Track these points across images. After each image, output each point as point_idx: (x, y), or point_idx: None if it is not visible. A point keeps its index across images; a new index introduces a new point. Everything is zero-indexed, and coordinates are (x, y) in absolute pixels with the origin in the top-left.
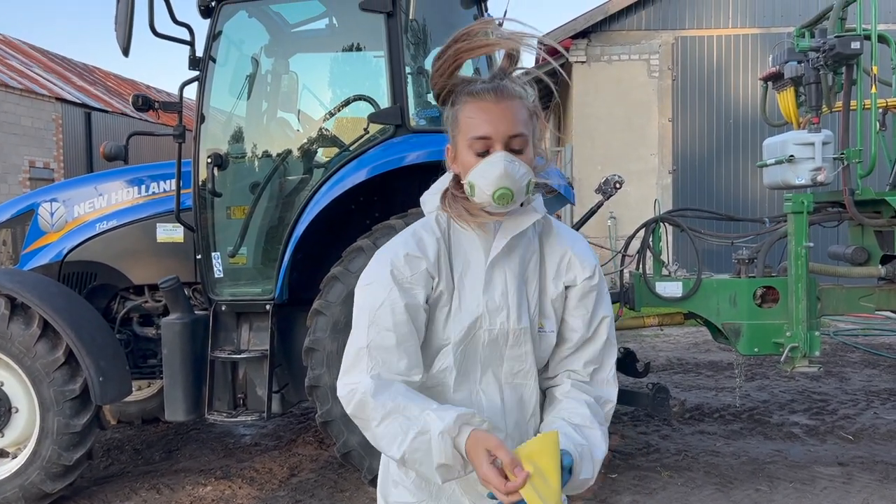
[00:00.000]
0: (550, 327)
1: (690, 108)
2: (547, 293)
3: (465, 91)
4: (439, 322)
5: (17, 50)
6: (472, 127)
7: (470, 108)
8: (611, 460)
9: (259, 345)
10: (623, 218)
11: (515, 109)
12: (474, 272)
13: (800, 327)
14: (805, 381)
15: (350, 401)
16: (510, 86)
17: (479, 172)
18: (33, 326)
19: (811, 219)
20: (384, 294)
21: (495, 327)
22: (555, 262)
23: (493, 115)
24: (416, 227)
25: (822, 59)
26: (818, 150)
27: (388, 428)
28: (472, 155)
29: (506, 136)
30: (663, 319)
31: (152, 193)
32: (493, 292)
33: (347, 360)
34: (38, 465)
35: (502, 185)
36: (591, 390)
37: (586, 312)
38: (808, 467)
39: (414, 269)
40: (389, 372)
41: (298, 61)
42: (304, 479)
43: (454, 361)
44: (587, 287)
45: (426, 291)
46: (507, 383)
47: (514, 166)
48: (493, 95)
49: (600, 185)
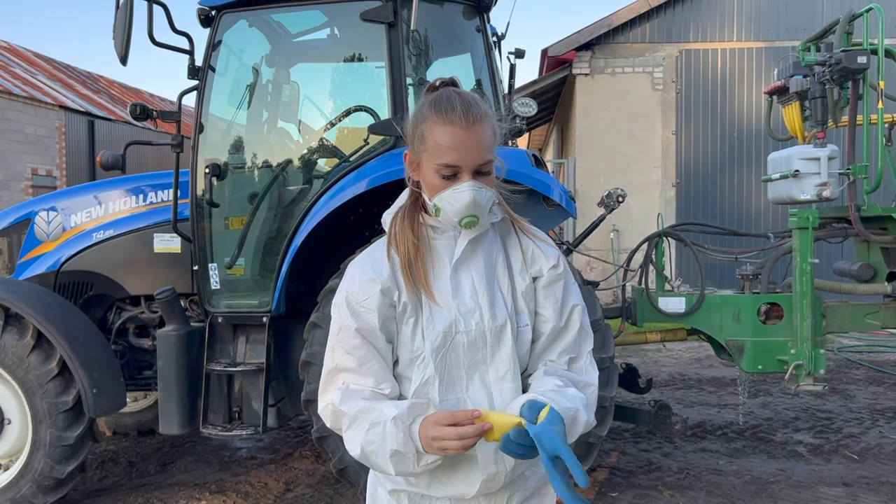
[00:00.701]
0: (524, 321)
1: (694, 121)
2: (517, 288)
3: (434, 110)
4: (406, 334)
5: (21, 57)
6: (441, 153)
7: (439, 131)
8: (610, 478)
9: (255, 357)
10: (626, 231)
11: (484, 134)
12: (441, 278)
13: (805, 345)
14: (809, 399)
15: (326, 416)
16: (478, 105)
17: (446, 199)
18: (27, 337)
19: (816, 234)
20: (340, 319)
21: (471, 329)
22: (518, 257)
23: (464, 144)
24: (374, 247)
25: (828, 74)
26: (824, 165)
27: (353, 430)
28: (438, 177)
29: (475, 165)
30: (666, 335)
31: (150, 203)
32: (462, 296)
33: (322, 381)
34: (29, 478)
35: (470, 213)
36: (567, 374)
37: (556, 302)
38: (812, 487)
39: (367, 292)
40: (357, 386)
41: (299, 71)
42: (300, 495)
43: (435, 370)
44: (553, 276)
45: (383, 311)
46: (495, 388)
47: (482, 194)
48: (464, 121)
49: (603, 199)
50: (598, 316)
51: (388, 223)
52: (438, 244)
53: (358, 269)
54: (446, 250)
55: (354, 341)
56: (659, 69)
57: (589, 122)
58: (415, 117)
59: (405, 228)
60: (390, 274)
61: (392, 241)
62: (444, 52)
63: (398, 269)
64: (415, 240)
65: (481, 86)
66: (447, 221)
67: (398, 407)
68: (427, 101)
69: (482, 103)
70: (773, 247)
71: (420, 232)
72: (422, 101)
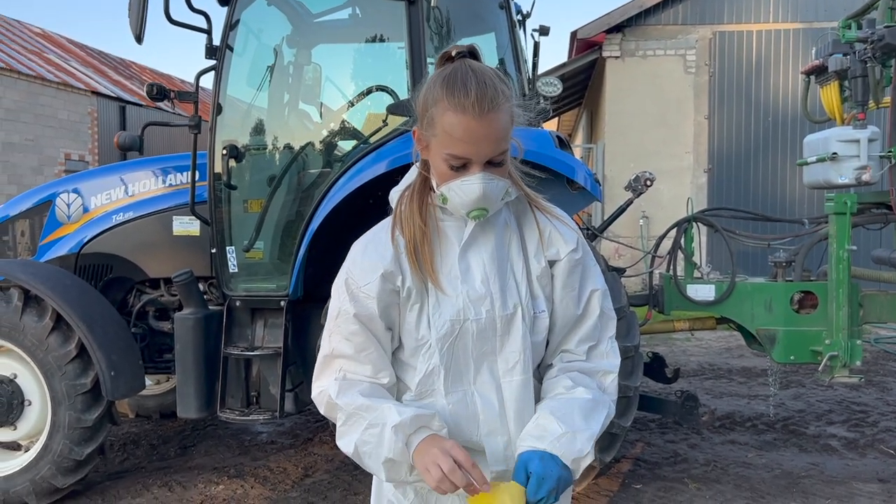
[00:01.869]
0: (541, 307)
1: (728, 105)
2: (532, 271)
3: (446, 92)
4: (411, 322)
5: (55, 44)
6: (452, 143)
7: (450, 118)
8: (634, 469)
9: (273, 342)
10: (655, 217)
11: (499, 123)
12: (449, 262)
13: (840, 335)
14: (844, 391)
15: (320, 403)
16: (495, 90)
17: (455, 189)
18: (46, 319)
19: (854, 220)
20: (339, 304)
21: (481, 317)
22: (534, 239)
23: (476, 136)
24: (378, 227)
25: (869, 51)
26: (863, 147)
27: (349, 426)
28: (447, 166)
29: (487, 157)
30: (694, 324)
31: (169, 185)
32: (472, 281)
33: (317, 365)
34: (49, 460)
35: (478, 207)
36: (585, 366)
37: (574, 288)
38: (845, 483)
39: (368, 277)
40: (354, 375)
41: (319, 52)
42: (318, 480)
43: (441, 360)
44: (572, 261)
45: (383, 298)
46: (504, 380)
47: (492, 186)
48: (478, 109)
49: (630, 183)
50: (622, 303)
51: (395, 202)
52: (447, 226)
53: (360, 251)
54: (455, 232)
55: (353, 327)
56: (692, 52)
57: (619, 106)
58: (425, 94)
59: (413, 210)
60: (394, 257)
61: (398, 221)
62: (466, 32)
63: (403, 251)
64: (422, 223)
65: (504, 66)
66: (455, 211)
67: (401, 413)
68: (440, 77)
69: (500, 84)
70: (807, 233)
71: (428, 214)
72: (435, 76)
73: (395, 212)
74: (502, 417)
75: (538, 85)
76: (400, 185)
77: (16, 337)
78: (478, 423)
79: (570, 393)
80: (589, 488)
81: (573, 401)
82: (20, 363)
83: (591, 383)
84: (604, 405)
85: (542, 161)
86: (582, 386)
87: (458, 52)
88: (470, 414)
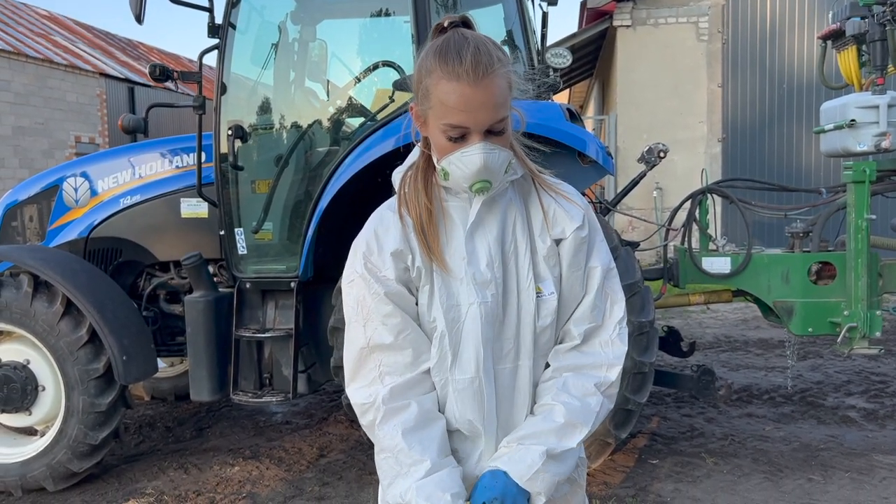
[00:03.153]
0: (549, 289)
1: (742, 72)
2: (537, 252)
3: (439, 61)
4: (423, 303)
5: (62, 26)
6: (447, 113)
7: (445, 87)
8: (650, 444)
9: (284, 323)
10: (669, 189)
11: (496, 89)
12: (455, 244)
13: (859, 306)
14: (862, 361)
15: (363, 413)
16: (489, 56)
17: (454, 162)
18: (56, 304)
19: (873, 189)
20: (365, 288)
21: (488, 300)
22: (539, 218)
23: (472, 103)
24: (383, 208)
25: (889, 14)
26: (883, 113)
27: (383, 461)
28: (445, 138)
29: (485, 125)
30: (710, 297)
31: (176, 167)
32: (478, 263)
33: (350, 362)
34: (64, 444)
35: (481, 178)
36: (582, 361)
37: (580, 269)
38: (865, 455)
39: (383, 254)
40: (400, 375)
41: (324, 28)
42: (333, 460)
43: (450, 345)
44: (578, 239)
45: (402, 274)
46: (497, 367)
47: (494, 156)
48: (472, 75)
49: (643, 154)
50: (636, 278)
51: (398, 183)
52: (451, 206)
53: (370, 233)
54: (460, 214)
55: (386, 308)
56: (704, 19)
57: (631, 76)
58: (419, 66)
59: (417, 190)
60: (403, 236)
61: (403, 203)
62: (473, 3)
63: (411, 230)
64: (428, 203)
65: (513, 38)
66: (457, 186)
67: (419, 489)
68: (433, 48)
69: (494, 49)
70: (825, 202)
71: (433, 194)
72: (428, 47)
73: (399, 193)
74: (499, 405)
75: (547, 56)
76: (402, 166)
77: (27, 323)
78: (482, 411)
79: (548, 406)
80: (605, 464)
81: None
82: (33, 349)
83: (584, 386)
84: (585, 419)
85: (552, 135)
86: (563, 401)
87: (450, 21)
88: (475, 400)
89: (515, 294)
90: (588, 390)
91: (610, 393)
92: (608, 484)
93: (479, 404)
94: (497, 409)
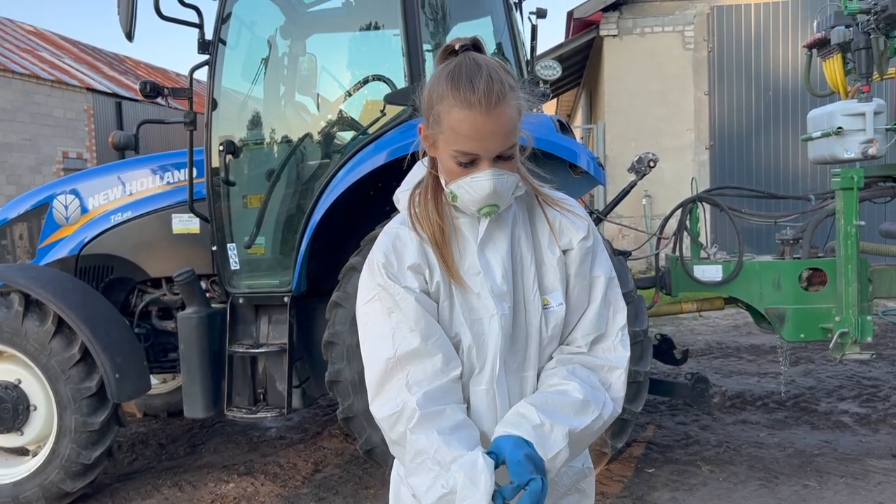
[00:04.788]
0: (558, 300)
1: (728, 80)
2: (545, 264)
3: (451, 88)
4: (444, 319)
5: (47, 41)
6: (459, 140)
7: (457, 115)
8: (646, 453)
9: (278, 338)
10: (658, 196)
11: (507, 118)
12: (469, 260)
13: (850, 311)
14: (853, 366)
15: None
16: (502, 84)
17: (464, 187)
18: (48, 323)
19: (862, 195)
20: (390, 298)
21: (505, 312)
22: (546, 230)
23: (484, 132)
24: (394, 224)
25: (873, 22)
26: (869, 120)
27: (418, 466)
28: (455, 163)
29: (496, 153)
30: (702, 305)
31: (167, 183)
32: (493, 276)
33: (375, 377)
34: (57, 464)
35: (489, 203)
36: (587, 359)
37: (585, 279)
38: (860, 460)
39: (402, 268)
40: (430, 383)
41: (314, 42)
42: (329, 475)
43: (477, 359)
44: (584, 249)
45: (422, 286)
46: (511, 377)
47: (502, 181)
48: (485, 104)
49: (633, 164)
50: (629, 288)
51: (405, 203)
52: (462, 223)
53: (388, 246)
54: (470, 229)
55: (416, 313)
56: (690, 28)
57: (618, 85)
58: (430, 91)
59: (428, 210)
60: (420, 252)
61: (414, 222)
62: (462, 16)
63: (428, 246)
64: (440, 221)
65: (502, 50)
66: (465, 208)
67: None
68: (445, 73)
69: (506, 77)
70: (814, 209)
71: (444, 212)
72: (439, 71)
73: (410, 212)
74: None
75: (538, 69)
76: (405, 186)
77: (18, 342)
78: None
79: (562, 385)
80: (602, 474)
81: (561, 394)
82: (24, 368)
83: (592, 378)
84: (597, 404)
85: (544, 146)
86: (577, 380)
87: (461, 45)
88: (489, 410)
89: (523, 306)
90: (594, 384)
91: (615, 396)
92: (605, 494)
93: (493, 414)
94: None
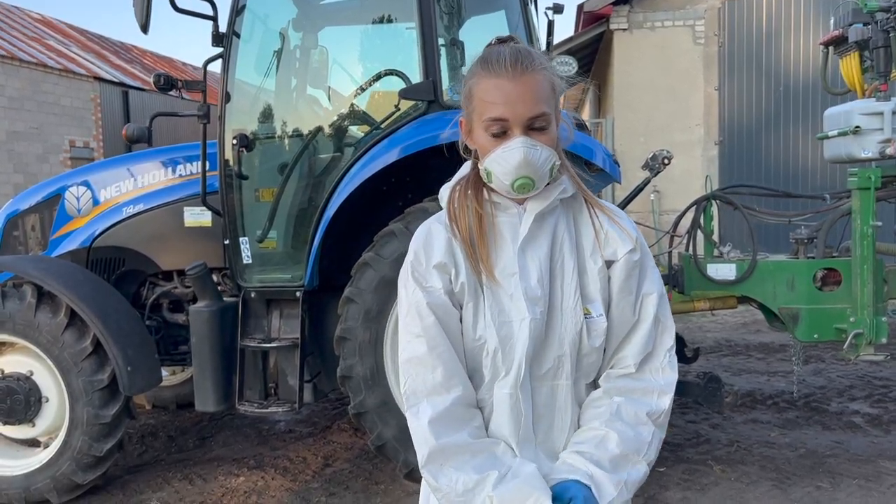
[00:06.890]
0: (598, 311)
1: (738, 75)
2: (587, 273)
3: (480, 62)
4: (468, 321)
5: (55, 29)
6: (488, 108)
7: (485, 84)
8: None
9: (290, 333)
10: (667, 192)
11: (537, 85)
12: (505, 260)
13: (865, 312)
14: (864, 366)
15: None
16: (530, 56)
17: (495, 159)
18: (60, 315)
19: (878, 195)
20: (409, 298)
21: (537, 317)
22: (591, 237)
23: (511, 95)
24: (432, 220)
25: (892, 21)
26: (887, 119)
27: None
28: (488, 137)
29: (525, 118)
30: (715, 303)
31: (179, 176)
32: (528, 279)
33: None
34: (69, 456)
35: (522, 175)
36: (635, 385)
37: (631, 294)
38: (872, 461)
39: (428, 266)
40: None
41: (326, 35)
42: (339, 470)
43: (503, 362)
44: (630, 263)
45: (446, 285)
46: (540, 384)
47: (535, 152)
48: (511, 70)
49: (647, 161)
50: None
51: (446, 199)
52: (501, 222)
53: (421, 241)
54: (510, 229)
55: (428, 319)
56: (700, 22)
57: (627, 79)
58: (466, 77)
59: (466, 205)
60: (448, 250)
61: (452, 217)
62: (477, 10)
63: (457, 246)
64: (477, 217)
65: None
66: (500, 187)
67: None
68: (478, 59)
69: (537, 55)
70: (829, 209)
71: (484, 208)
72: (475, 59)
73: (448, 208)
74: (536, 424)
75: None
76: (450, 182)
77: (31, 334)
78: (518, 428)
79: (603, 432)
80: None
81: (601, 447)
82: (36, 360)
83: (639, 413)
84: (638, 453)
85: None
86: (618, 429)
87: (498, 39)
88: (512, 416)
89: (559, 313)
90: (640, 419)
91: (661, 422)
92: None
93: (516, 421)
94: (535, 427)
